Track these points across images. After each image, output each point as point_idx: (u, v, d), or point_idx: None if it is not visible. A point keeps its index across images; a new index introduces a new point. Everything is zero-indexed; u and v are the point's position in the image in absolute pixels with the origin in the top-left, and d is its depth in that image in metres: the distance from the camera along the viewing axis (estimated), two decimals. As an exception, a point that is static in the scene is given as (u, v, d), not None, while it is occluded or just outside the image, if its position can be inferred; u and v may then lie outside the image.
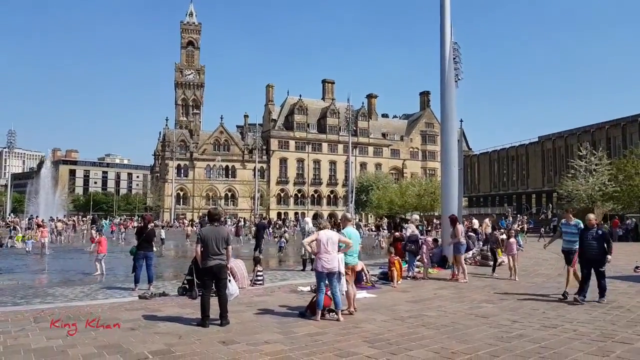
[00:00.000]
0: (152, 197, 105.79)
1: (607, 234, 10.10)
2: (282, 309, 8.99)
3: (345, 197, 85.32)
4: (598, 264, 9.56)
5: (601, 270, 9.61)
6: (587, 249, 9.68)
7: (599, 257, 9.55)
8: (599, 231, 9.72)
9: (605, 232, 9.97)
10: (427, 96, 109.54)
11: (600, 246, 9.57)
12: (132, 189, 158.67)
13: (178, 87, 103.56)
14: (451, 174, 16.57)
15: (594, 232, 9.68)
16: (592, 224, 9.80)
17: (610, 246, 9.66)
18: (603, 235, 9.72)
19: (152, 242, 12.64)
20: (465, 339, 6.84)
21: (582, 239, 9.82)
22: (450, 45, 16.69)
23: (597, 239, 9.62)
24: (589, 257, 9.67)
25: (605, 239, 9.69)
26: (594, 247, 9.60)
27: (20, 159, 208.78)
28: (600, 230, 9.82)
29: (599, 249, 9.57)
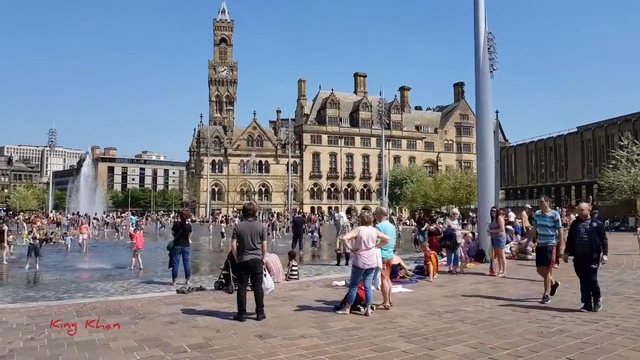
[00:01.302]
0: (187, 192, 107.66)
1: (602, 227, 8.53)
2: (317, 304, 9.01)
3: (378, 191, 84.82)
4: (589, 260, 8.11)
5: (593, 268, 8.09)
6: (578, 244, 8.30)
7: (591, 253, 8.12)
8: (593, 223, 8.27)
9: (600, 225, 8.43)
10: (461, 87, 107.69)
11: (592, 241, 8.13)
12: (168, 185, 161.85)
13: (212, 84, 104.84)
14: (487, 166, 16.24)
15: (587, 224, 8.29)
16: (586, 215, 8.46)
17: (605, 242, 8.21)
18: (598, 229, 8.23)
19: (188, 237, 12.86)
20: (504, 334, 6.70)
21: (573, 232, 8.47)
22: (485, 35, 16.32)
23: (590, 232, 8.18)
24: (579, 253, 8.28)
25: (600, 233, 8.23)
26: (585, 241, 8.19)
27: (61, 157, 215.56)
28: (595, 222, 8.37)
29: (590, 245, 8.13)
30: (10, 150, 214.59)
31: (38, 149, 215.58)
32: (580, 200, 56.58)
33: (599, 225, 8.35)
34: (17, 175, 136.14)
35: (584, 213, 8.48)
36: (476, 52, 16.32)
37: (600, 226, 8.36)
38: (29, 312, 8.30)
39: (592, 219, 8.43)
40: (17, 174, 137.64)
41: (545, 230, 9.46)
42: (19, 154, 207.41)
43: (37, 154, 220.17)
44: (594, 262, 8.11)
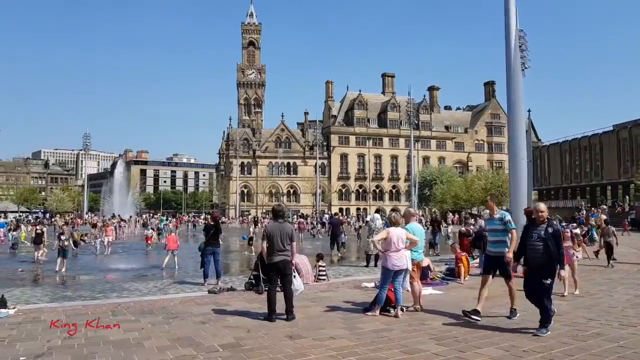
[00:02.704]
0: (217, 194, 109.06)
1: (559, 233, 7.00)
2: (346, 305, 9.01)
3: (407, 192, 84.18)
4: (542, 273, 6.73)
5: (545, 283, 6.70)
6: (531, 252, 6.92)
7: (546, 265, 6.73)
8: (548, 229, 6.81)
9: (557, 231, 6.94)
10: (492, 86, 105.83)
11: (547, 250, 6.70)
12: (198, 187, 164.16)
13: (240, 86, 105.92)
14: (519, 166, 15.93)
15: (542, 229, 6.85)
16: (542, 218, 6.99)
17: (561, 252, 6.80)
18: (554, 236, 6.78)
19: (219, 238, 13.03)
20: (537, 337, 6.58)
21: (525, 238, 7.06)
22: (516, 32, 16.01)
23: (545, 239, 6.76)
24: (532, 265, 6.91)
25: (557, 241, 6.78)
26: (539, 250, 6.77)
27: (95, 160, 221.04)
28: (552, 227, 6.88)
29: (544, 254, 6.72)
30: (47, 154, 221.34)
31: (73, 152, 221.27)
32: (617, 201, 55.15)
33: (555, 231, 6.88)
34: (54, 178, 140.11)
35: (539, 215, 7.01)
36: (507, 50, 16.04)
37: (556, 232, 6.88)
38: (66, 312, 8.55)
39: (548, 223, 6.95)
40: (54, 177, 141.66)
41: (495, 235, 8.08)
42: (55, 158, 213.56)
43: (73, 157, 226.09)
44: (547, 276, 6.71)
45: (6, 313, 8.33)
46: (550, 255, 6.69)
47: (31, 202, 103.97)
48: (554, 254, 6.69)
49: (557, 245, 6.76)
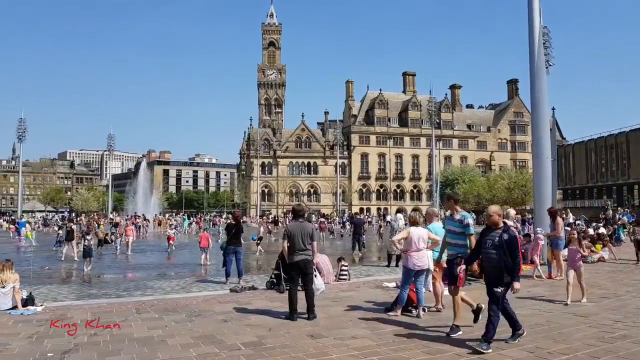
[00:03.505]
0: (238, 194, 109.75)
1: (514, 240, 6.17)
2: (368, 305, 8.99)
3: (429, 192, 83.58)
4: (495, 281, 6.12)
5: (496, 292, 6.07)
6: (485, 261, 6.30)
7: (501, 274, 6.08)
8: (504, 235, 6.15)
9: (512, 238, 6.16)
10: (515, 84, 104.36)
11: (502, 259, 6.07)
12: (220, 187, 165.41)
13: (261, 87, 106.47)
14: (544, 165, 15.68)
15: (496, 235, 6.20)
16: (495, 222, 6.31)
17: (516, 262, 6.07)
18: (509, 243, 6.09)
19: (240, 237, 13.12)
20: (563, 338, 6.48)
21: (480, 245, 6.44)
22: (540, 29, 15.76)
23: (498, 246, 6.11)
24: (487, 274, 6.32)
25: (511, 248, 6.07)
26: (494, 259, 6.14)
27: (119, 161, 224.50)
28: (507, 234, 6.17)
29: (500, 263, 6.09)
30: (73, 154, 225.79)
31: (98, 153, 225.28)
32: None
33: (510, 237, 6.14)
34: (79, 179, 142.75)
35: (492, 219, 6.35)
36: (531, 48, 15.80)
37: (512, 239, 6.14)
38: (91, 309, 8.71)
39: (504, 228, 6.24)
40: (79, 177, 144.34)
41: (453, 237, 7.42)
42: (81, 158, 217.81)
43: (97, 157, 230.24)
44: (497, 284, 6.09)
45: (34, 310, 8.53)
46: (506, 264, 6.05)
47: (57, 202, 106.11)
48: (506, 263, 6.05)
49: (512, 254, 6.06)
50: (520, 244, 13.14)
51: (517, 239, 6.26)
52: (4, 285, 8.65)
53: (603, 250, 16.48)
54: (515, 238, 6.23)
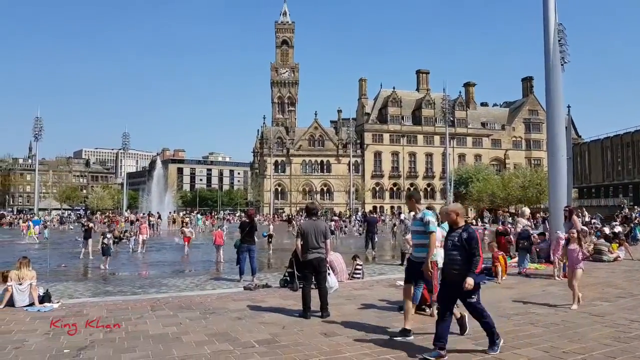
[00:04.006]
0: (252, 192, 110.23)
1: (474, 238, 5.74)
2: (381, 303, 8.97)
3: (443, 190, 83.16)
4: (461, 290, 5.62)
5: (470, 302, 5.77)
6: (446, 263, 5.92)
7: (463, 277, 5.62)
8: (463, 234, 5.75)
9: (471, 236, 5.73)
10: (530, 82, 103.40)
11: (465, 259, 5.69)
12: (234, 185, 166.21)
13: (274, 85, 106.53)
14: (559, 163, 15.53)
15: (456, 235, 5.81)
16: (454, 221, 5.92)
17: (475, 261, 5.64)
18: (468, 241, 5.69)
19: (254, 235, 13.17)
20: (578, 338, 6.42)
21: (444, 246, 6.10)
22: (555, 26, 15.60)
23: (459, 247, 5.72)
24: (447, 277, 5.86)
25: (470, 247, 5.66)
26: (456, 260, 5.74)
27: (134, 159, 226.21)
28: (466, 232, 5.77)
29: (462, 264, 5.69)
30: (88, 153, 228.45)
31: (113, 151, 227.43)
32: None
33: (469, 236, 5.72)
34: (94, 177, 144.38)
35: (450, 219, 5.98)
36: (546, 45, 15.65)
37: (471, 237, 5.71)
38: (107, 306, 8.81)
39: (464, 227, 5.87)
40: (94, 175, 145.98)
41: (417, 238, 6.96)
42: (96, 157, 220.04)
43: (112, 156, 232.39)
44: (469, 294, 5.67)
45: (51, 307, 8.64)
46: (468, 266, 5.65)
47: (73, 200, 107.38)
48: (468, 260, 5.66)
49: (471, 252, 5.65)
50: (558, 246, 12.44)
51: (477, 236, 5.83)
52: (21, 283, 8.78)
53: (619, 249, 16.26)
54: (475, 235, 5.79)
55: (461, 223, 5.91)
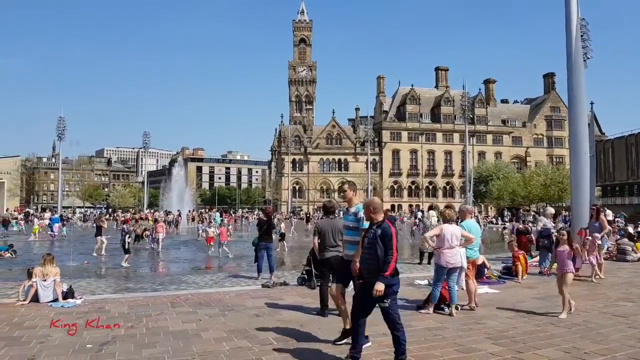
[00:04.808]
0: (270, 190, 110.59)
1: (388, 234, 5.19)
2: (399, 302, 8.86)
3: (462, 189, 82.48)
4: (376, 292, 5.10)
5: (382, 307, 5.25)
6: (362, 262, 5.45)
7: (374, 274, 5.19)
8: (378, 230, 5.26)
9: (385, 231, 5.21)
10: (551, 78, 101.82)
11: (377, 258, 5.17)
12: (252, 184, 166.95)
13: (291, 84, 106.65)
14: (581, 161, 15.27)
15: (372, 231, 5.35)
16: (370, 216, 5.47)
17: (388, 260, 5.11)
18: (382, 238, 5.18)
19: (272, 233, 13.22)
20: (600, 339, 6.32)
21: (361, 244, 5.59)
22: (577, 21, 15.34)
23: (373, 244, 5.23)
24: (365, 277, 5.37)
25: (384, 244, 5.16)
26: (370, 259, 5.27)
27: (154, 158, 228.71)
28: (381, 228, 5.25)
29: (375, 262, 5.19)
30: (110, 152, 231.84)
31: (134, 150, 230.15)
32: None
33: (383, 232, 5.21)
34: (116, 175, 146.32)
35: (367, 214, 5.57)
36: (568, 40, 15.39)
37: (384, 234, 5.19)
38: (128, 302, 8.93)
39: (379, 222, 5.35)
40: (116, 174, 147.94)
41: (350, 234, 6.44)
42: (117, 156, 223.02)
43: (133, 155, 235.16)
44: (384, 297, 5.15)
45: (74, 303, 8.80)
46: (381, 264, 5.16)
47: (95, 198, 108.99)
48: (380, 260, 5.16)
49: (385, 250, 5.14)
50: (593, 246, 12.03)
51: (392, 233, 5.23)
52: (45, 279, 8.96)
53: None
54: (389, 231, 5.22)
55: (379, 219, 5.39)
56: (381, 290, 5.06)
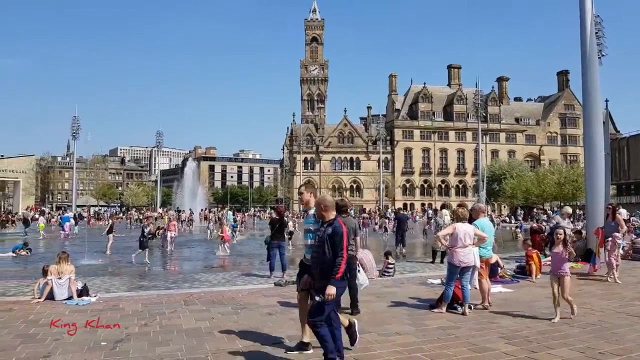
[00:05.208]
0: (282, 189, 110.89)
1: (338, 233, 5.03)
2: (412, 301, 8.91)
3: (475, 187, 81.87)
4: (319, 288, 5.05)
5: (315, 300, 5.09)
6: (311, 262, 5.42)
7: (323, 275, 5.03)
8: (328, 229, 5.10)
9: (336, 230, 5.05)
10: (565, 75, 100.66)
11: (321, 258, 5.07)
12: (264, 182, 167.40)
13: (303, 82, 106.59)
14: (596, 159, 15.10)
15: (322, 230, 5.19)
16: (321, 214, 5.31)
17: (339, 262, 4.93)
18: (332, 237, 5.02)
19: (284, 232, 13.24)
20: (615, 339, 6.25)
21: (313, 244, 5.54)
22: (592, 18, 15.16)
23: (322, 244, 5.09)
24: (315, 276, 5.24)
25: (334, 243, 5.00)
26: (317, 257, 5.17)
27: (167, 157, 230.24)
28: (331, 227, 5.11)
29: (322, 261, 5.07)
30: (123, 151, 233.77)
31: (147, 149, 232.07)
32: None
33: (333, 231, 5.04)
34: (129, 174, 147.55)
35: (318, 212, 5.39)
36: (582, 38, 15.21)
37: (335, 232, 5.02)
38: (142, 300, 9.02)
39: (330, 221, 5.18)
40: (129, 172, 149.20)
41: (309, 237, 6.00)
42: (131, 155, 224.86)
43: (146, 154, 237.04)
44: (319, 292, 5.01)
45: (89, 300, 8.90)
46: (325, 265, 5.01)
47: (109, 197, 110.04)
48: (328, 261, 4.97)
49: (334, 251, 4.96)
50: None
51: (343, 232, 5.02)
52: (60, 277, 9.07)
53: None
54: (340, 230, 5.01)
55: (330, 217, 5.18)
56: (333, 295, 4.89)
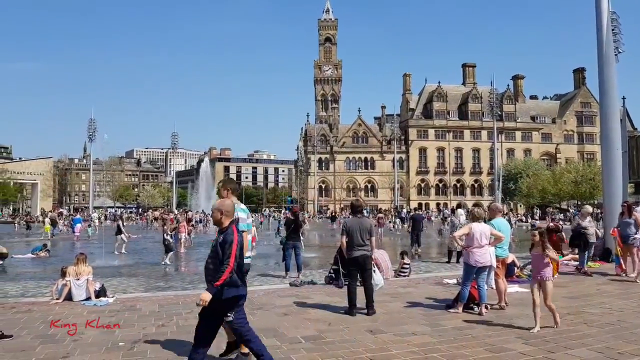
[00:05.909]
0: (296, 189, 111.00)
1: (227, 241, 4.77)
2: (428, 301, 8.88)
3: (491, 186, 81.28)
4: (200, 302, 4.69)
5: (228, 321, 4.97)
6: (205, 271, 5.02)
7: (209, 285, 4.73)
8: (220, 237, 4.86)
9: (226, 238, 4.79)
10: (582, 73, 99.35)
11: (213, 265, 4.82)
12: (278, 183, 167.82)
13: (317, 83, 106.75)
14: (613, 157, 14.88)
15: (215, 239, 4.95)
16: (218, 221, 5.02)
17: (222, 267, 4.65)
18: (222, 245, 4.75)
19: (299, 232, 13.28)
20: (634, 339, 6.18)
21: None
22: (608, 15, 14.95)
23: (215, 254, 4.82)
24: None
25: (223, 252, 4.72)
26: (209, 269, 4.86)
27: (183, 158, 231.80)
28: (223, 234, 4.85)
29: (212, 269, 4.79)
30: (139, 152, 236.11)
31: (162, 151, 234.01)
32: None
33: (224, 239, 4.79)
34: (145, 175, 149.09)
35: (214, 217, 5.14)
36: (598, 35, 15.01)
37: (225, 241, 4.77)
38: (159, 301, 9.11)
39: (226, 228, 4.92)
40: (145, 174, 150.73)
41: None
42: (147, 156, 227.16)
43: (162, 155, 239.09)
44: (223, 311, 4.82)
45: (106, 301, 9.01)
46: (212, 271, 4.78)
47: (125, 198, 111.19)
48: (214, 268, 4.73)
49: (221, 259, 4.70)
50: None
51: (234, 240, 4.76)
52: (78, 278, 9.20)
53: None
54: (231, 238, 4.77)
55: (225, 224, 4.95)
56: (206, 301, 4.60)
